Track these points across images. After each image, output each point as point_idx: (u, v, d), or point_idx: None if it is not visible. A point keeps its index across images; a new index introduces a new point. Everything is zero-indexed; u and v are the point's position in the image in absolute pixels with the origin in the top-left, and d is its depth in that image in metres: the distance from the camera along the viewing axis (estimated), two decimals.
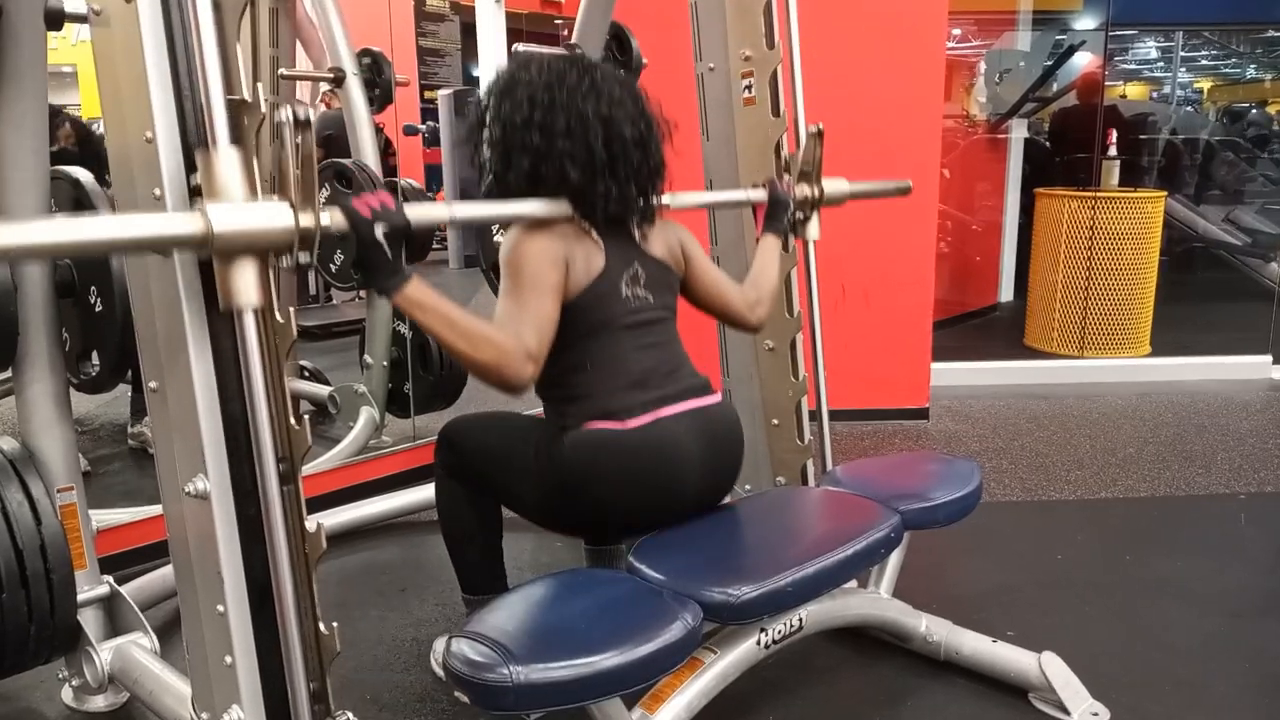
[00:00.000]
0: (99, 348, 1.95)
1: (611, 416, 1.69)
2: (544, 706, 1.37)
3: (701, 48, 2.37)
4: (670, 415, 1.74)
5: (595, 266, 1.72)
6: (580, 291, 1.70)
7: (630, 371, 1.74)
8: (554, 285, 1.66)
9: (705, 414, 1.79)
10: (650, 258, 1.82)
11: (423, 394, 3.40)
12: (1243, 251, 6.39)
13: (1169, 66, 8.30)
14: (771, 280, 2.05)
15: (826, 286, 2.39)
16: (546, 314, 1.64)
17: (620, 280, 1.75)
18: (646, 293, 1.79)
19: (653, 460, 1.71)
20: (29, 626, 1.75)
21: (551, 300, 1.65)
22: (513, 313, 1.63)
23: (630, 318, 1.76)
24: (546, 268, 1.66)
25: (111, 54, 1.39)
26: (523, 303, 1.63)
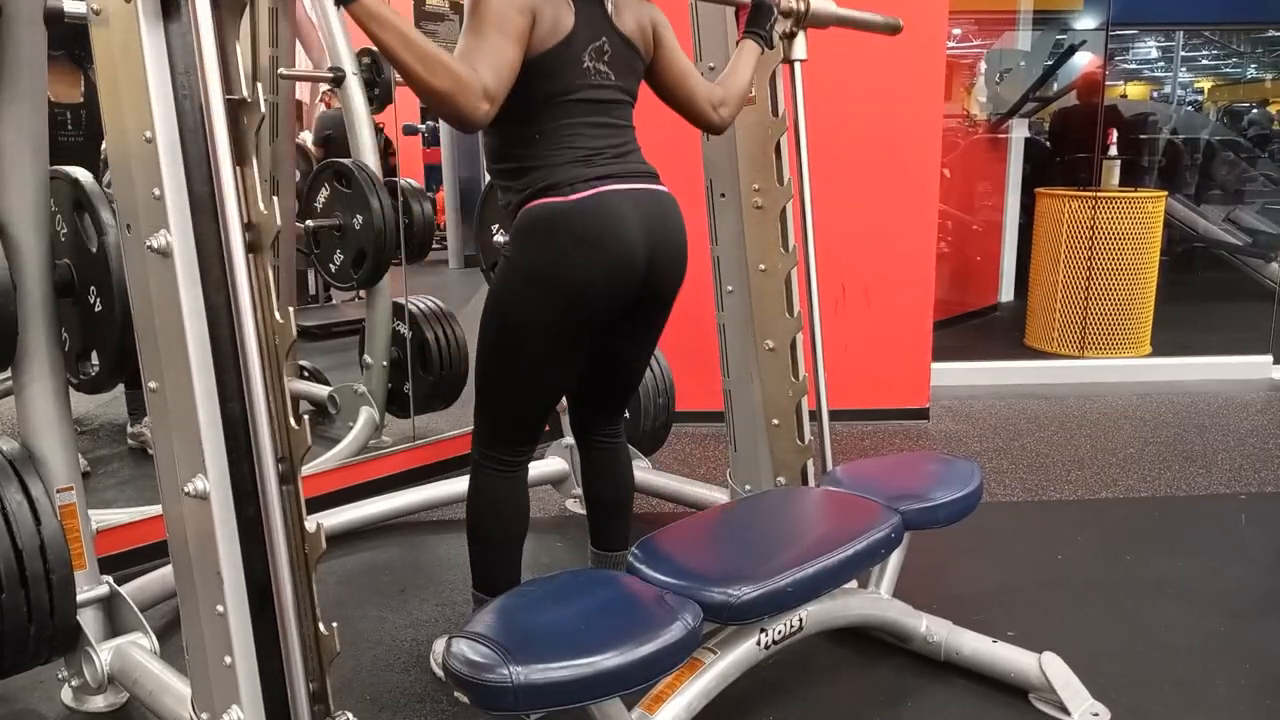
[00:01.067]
0: (99, 348, 1.95)
1: (554, 191, 1.70)
2: (544, 707, 1.37)
3: (701, 48, 2.37)
4: (611, 189, 1.73)
5: (562, 27, 1.69)
6: (542, 51, 1.67)
7: (579, 147, 1.73)
8: (518, 31, 1.62)
9: (648, 194, 1.79)
10: (619, 34, 1.79)
11: (422, 394, 3.40)
12: (1243, 251, 6.39)
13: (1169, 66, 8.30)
14: (742, 82, 2.02)
15: (826, 286, 2.39)
16: (507, 58, 1.60)
17: (585, 50, 1.73)
18: (609, 69, 1.77)
19: (593, 222, 1.70)
20: (28, 627, 1.75)
21: (513, 46, 1.61)
22: (473, 48, 1.59)
23: (588, 92, 1.74)
24: (512, 12, 1.62)
25: (111, 54, 1.38)
26: (484, 40, 1.59)
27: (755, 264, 2.35)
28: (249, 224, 1.36)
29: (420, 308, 3.43)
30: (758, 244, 2.34)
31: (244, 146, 1.35)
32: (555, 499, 3.05)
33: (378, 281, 3.34)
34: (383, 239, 3.21)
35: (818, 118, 2.19)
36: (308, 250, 3.51)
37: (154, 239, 1.36)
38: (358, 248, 3.29)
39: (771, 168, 2.29)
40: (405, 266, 3.39)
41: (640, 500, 2.72)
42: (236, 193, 1.32)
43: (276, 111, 3.29)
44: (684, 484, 2.88)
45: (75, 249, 1.88)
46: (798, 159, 2.27)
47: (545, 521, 2.90)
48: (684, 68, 1.92)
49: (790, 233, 2.31)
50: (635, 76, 1.85)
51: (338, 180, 3.32)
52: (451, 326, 3.43)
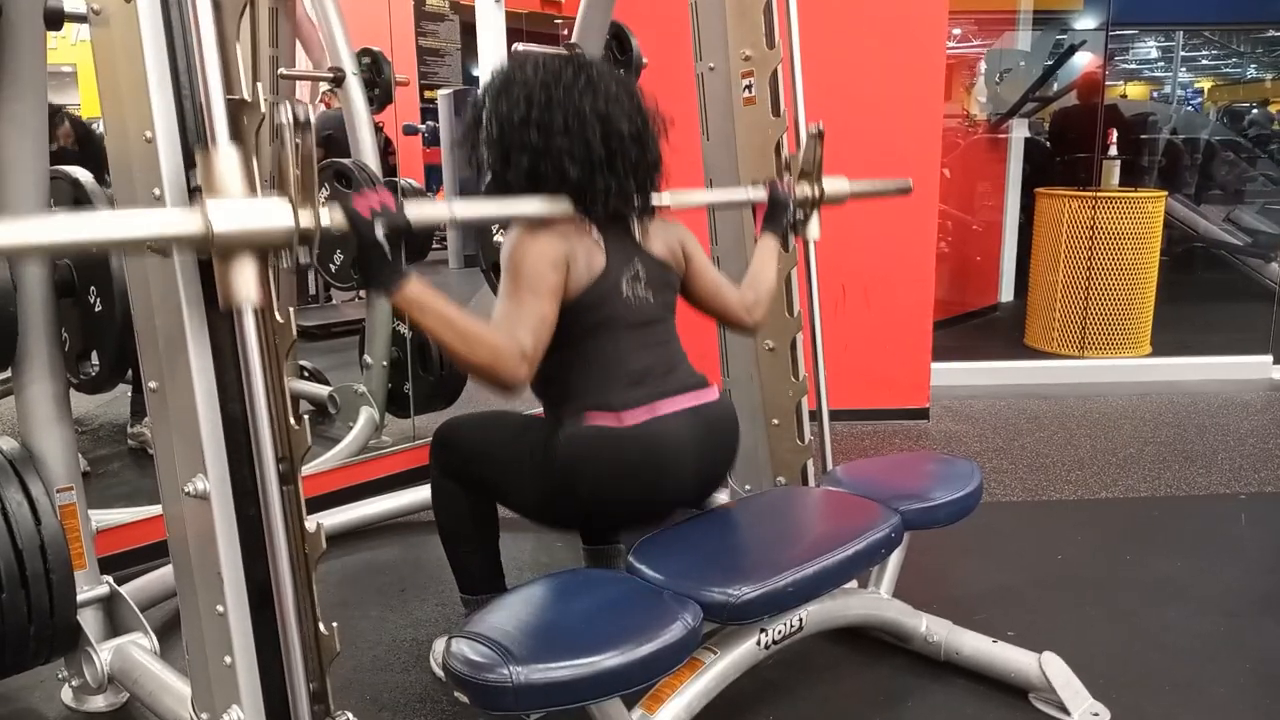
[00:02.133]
0: (99, 348, 1.95)
1: (608, 410, 1.70)
2: (544, 707, 1.37)
3: (701, 47, 2.37)
4: (666, 412, 1.74)
5: (596, 266, 1.72)
6: (581, 291, 1.70)
7: (629, 370, 1.74)
8: (553, 287, 1.66)
9: (702, 410, 1.80)
10: (651, 257, 1.82)
11: (422, 394, 3.40)
12: (1243, 251, 6.39)
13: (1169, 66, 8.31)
14: (769, 281, 2.05)
15: (826, 286, 2.39)
16: (543, 316, 1.64)
17: (621, 279, 1.75)
18: (647, 292, 1.79)
19: (647, 456, 1.71)
20: (28, 627, 1.75)
21: (549, 302, 1.66)
22: (510, 314, 1.63)
23: (631, 316, 1.76)
24: (546, 269, 1.66)
25: (111, 54, 1.39)
26: (520, 303, 1.63)
27: None
28: None
29: None
30: None
31: (244, 147, 1.35)
32: None
33: None
34: None
35: (817, 117, 2.19)
36: None
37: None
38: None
39: (771, 168, 2.29)
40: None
41: None
42: None
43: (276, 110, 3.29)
44: None
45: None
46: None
47: None
48: (714, 278, 1.96)
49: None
50: (673, 291, 1.88)
51: (338, 180, 3.31)
52: None
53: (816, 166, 2.18)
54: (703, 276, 1.94)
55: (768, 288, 2.04)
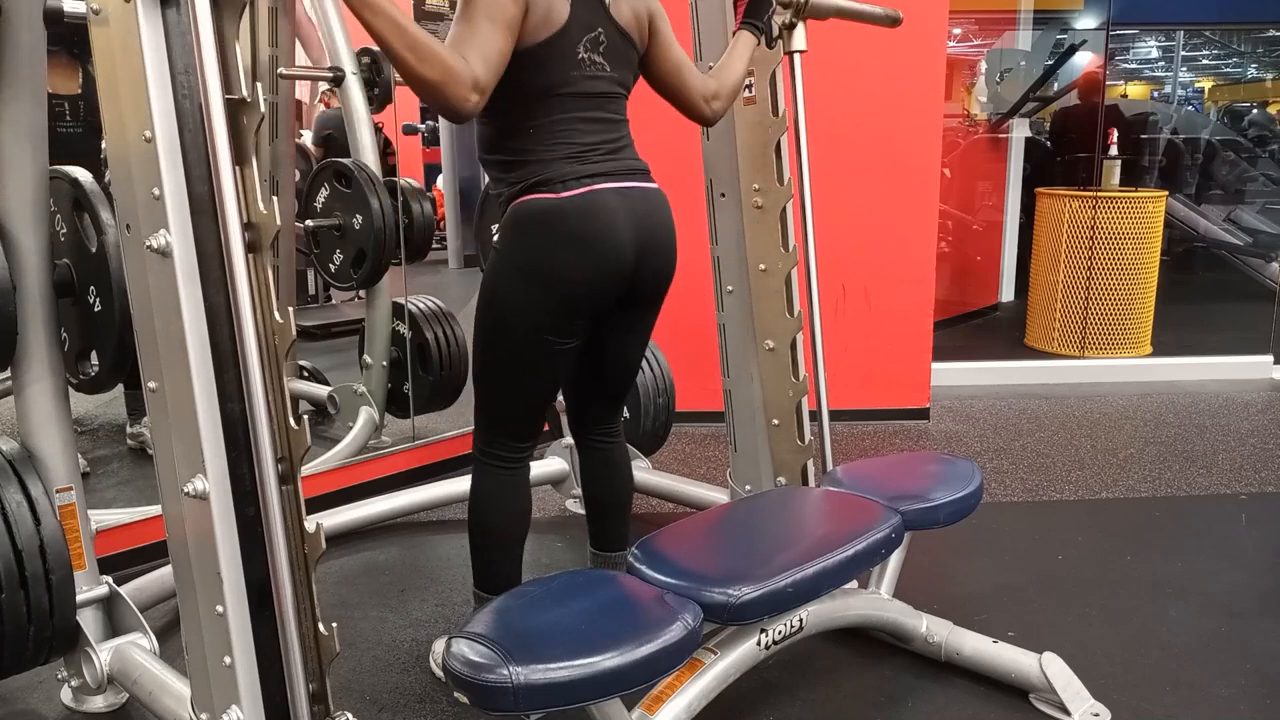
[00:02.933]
0: (98, 347, 1.95)
1: (545, 187, 1.69)
2: (544, 707, 1.37)
3: (701, 48, 2.37)
4: (603, 188, 1.73)
5: (557, 17, 1.67)
6: (537, 42, 1.66)
7: (572, 142, 1.72)
8: (510, 19, 1.60)
9: (640, 191, 1.79)
10: (615, 24, 1.77)
11: (422, 394, 3.40)
12: (1244, 251, 6.39)
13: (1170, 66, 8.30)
14: (736, 74, 2.00)
15: (826, 286, 2.39)
16: (498, 47, 1.59)
17: (579, 41, 1.71)
18: (604, 61, 1.75)
19: (583, 221, 1.71)
20: (28, 627, 1.75)
21: (505, 35, 1.60)
22: (464, 37, 1.57)
23: (582, 84, 1.73)
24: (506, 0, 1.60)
25: (110, 54, 1.38)
26: (475, 29, 1.57)
27: (755, 264, 2.34)
28: (249, 224, 1.36)
29: (420, 308, 3.43)
30: (758, 244, 2.34)
31: (244, 146, 1.34)
32: (555, 499, 3.04)
33: (377, 281, 3.33)
34: (382, 239, 3.21)
35: (818, 117, 2.18)
36: (308, 250, 3.51)
37: (154, 239, 1.36)
38: (357, 248, 3.29)
39: (771, 167, 2.29)
40: (405, 266, 3.39)
41: (640, 500, 2.72)
42: (236, 193, 1.32)
43: (276, 111, 3.29)
44: (683, 484, 2.88)
45: (75, 249, 1.88)
46: (798, 158, 2.27)
47: (545, 521, 2.89)
48: (678, 59, 1.91)
49: (790, 233, 2.31)
50: (630, 68, 1.84)
51: (338, 180, 3.31)
52: (451, 326, 3.43)
53: None
54: (666, 53, 1.88)
55: (733, 81, 2.00)
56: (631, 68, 1.84)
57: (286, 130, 3.42)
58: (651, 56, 1.87)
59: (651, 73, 1.90)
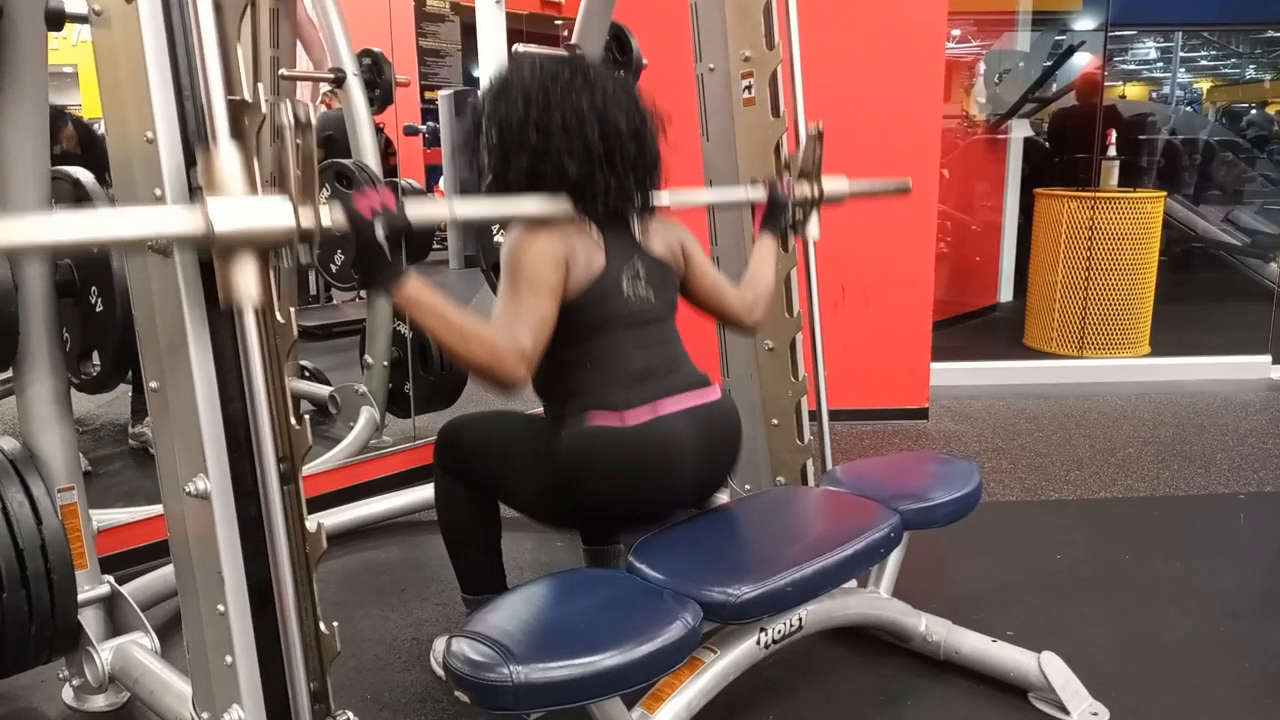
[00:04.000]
0: (99, 347, 1.95)
1: (611, 409, 1.70)
2: (544, 706, 1.37)
3: (701, 48, 2.37)
4: (669, 411, 1.74)
5: (596, 265, 1.73)
6: (581, 291, 1.71)
7: (631, 369, 1.74)
8: (552, 286, 1.66)
9: (704, 409, 1.80)
10: (651, 256, 1.82)
11: (423, 394, 3.40)
12: (1242, 251, 6.39)
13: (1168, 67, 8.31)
14: (768, 281, 2.05)
15: (826, 286, 2.39)
16: (543, 315, 1.64)
17: (621, 278, 1.76)
18: (648, 290, 1.80)
19: (650, 456, 1.71)
20: (29, 626, 1.75)
21: (549, 301, 1.66)
22: (509, 312, 1.63)
23: (632, 315, 1.76)
24: (546, 268, 1.66)
25: (112, 54, 1.39)
26: (520, 303, 1.64)
27: None
28: None
29: None
30: None
31: (245, 147, 1.35)
32: None
33: None
34: None
35: (817, 118, 2.19)
36: None
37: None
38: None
39: (771, 168, 2.29)
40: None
41: None
42: None
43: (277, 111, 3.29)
44: None
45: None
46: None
47: None
48: (714, 278, 1.96)
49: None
50: (673, 290, 1.88)
51: (338, 180, 3.32)
52: None
53: (816, 166, 2.18)
54: (702, 276, 1.94)
55: (766, 287, 2.04)
56: (674, 289, 1.88)
57: None
58: (690, 281, 1.92)
59: (691, 295, 1.94)
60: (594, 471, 1.70)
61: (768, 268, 2.06)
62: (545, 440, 1.74)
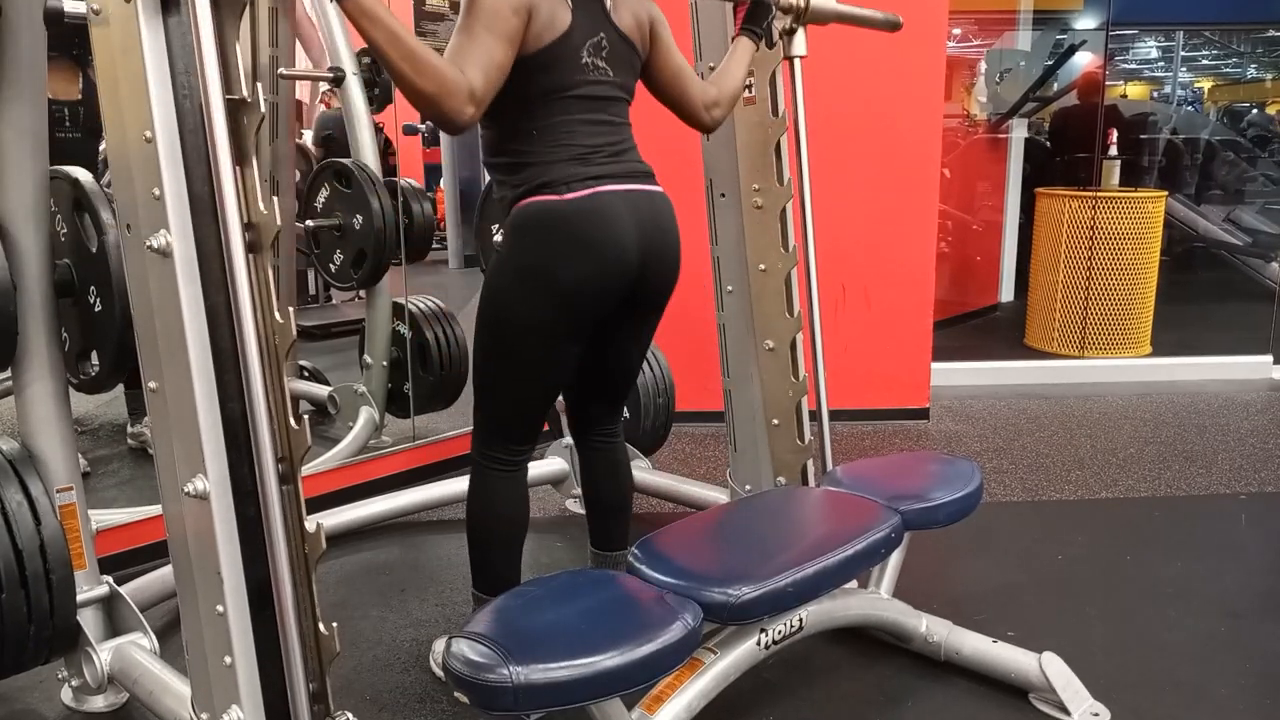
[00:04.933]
0: (99, 347, 1.95)
1: (549, 189, 1.69)
2: (544, 707, 1.37)
3: (701, 48, 2.37)
4: (607, 190, 1.73)
5: (559, 24, 1.68)
6: (539, 48, 1.66)
7: (575, 144, 1.72)
8: (511, 31, 1.61)
9: (643, 196, 1.78)
10: (617, 29, 1.78)
11: (422, 394, 3.40)
12: (1243, 251, 6.39)
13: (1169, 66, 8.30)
14: (735, 81, 2.01)
15: (827, 286, 2.39)
16: (497, 59, 1.59)
17: (582, 46, 1.72)
18: (607, 65, 1.76)
19: (587, 222, 1.70)
20: (28, 627, 1.75)
21: (505, 46, 1.60)
22: (462, 48, 1.58)
23: (585, 88, 1.74)
24: (506, 11, 1.60)
25: (111, 54, 1.38)
26: (475, 40, 1.58)
27: (755, 264, 2.35)
28: (249, 224, 1.36)
29: (420, 308, 3.43)
30: (758, 244, 2.34)
31: (244, 146, 1.34)
32: (555, 499, 3.05)
33: (378, 281, 3.33)
34: (383, 239, 3.21)
35: (818, 117, 2.18)
36: (308, 250, 3.51)
37: (154, 239, 1.36)
38: (358, 248, 3.29)
39: (771, 168, 2.29)
40: (405, 266, 3.39)
41: (640, 500, 2.72)
42: (236, 193, 1.32)
43: (276, 111, 3.29)
44: (684, 484, 2.88)
45: (75, 249, 1.88)
46: (798, 159, 2.27)
47: (545, 521, 2.90)
48: (679, 66, 1.92)
49: (790, 233, 2.31)
50: (633, 73, 1.84)
51: (338, 180, 3.31)
52: (451, 326, 3.43)
53: None
54: (667, 60, 1.89)
55: (732, 88, 2.00)
56: (634, 72, 1.84)
57: (287, 130, 3.42)
58: (652, 63, 1.88)
59: (652, 79, 1.90)
60: (538, 244, 1.70)
61: (739, 69, 2.02)
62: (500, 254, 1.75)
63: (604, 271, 1.74)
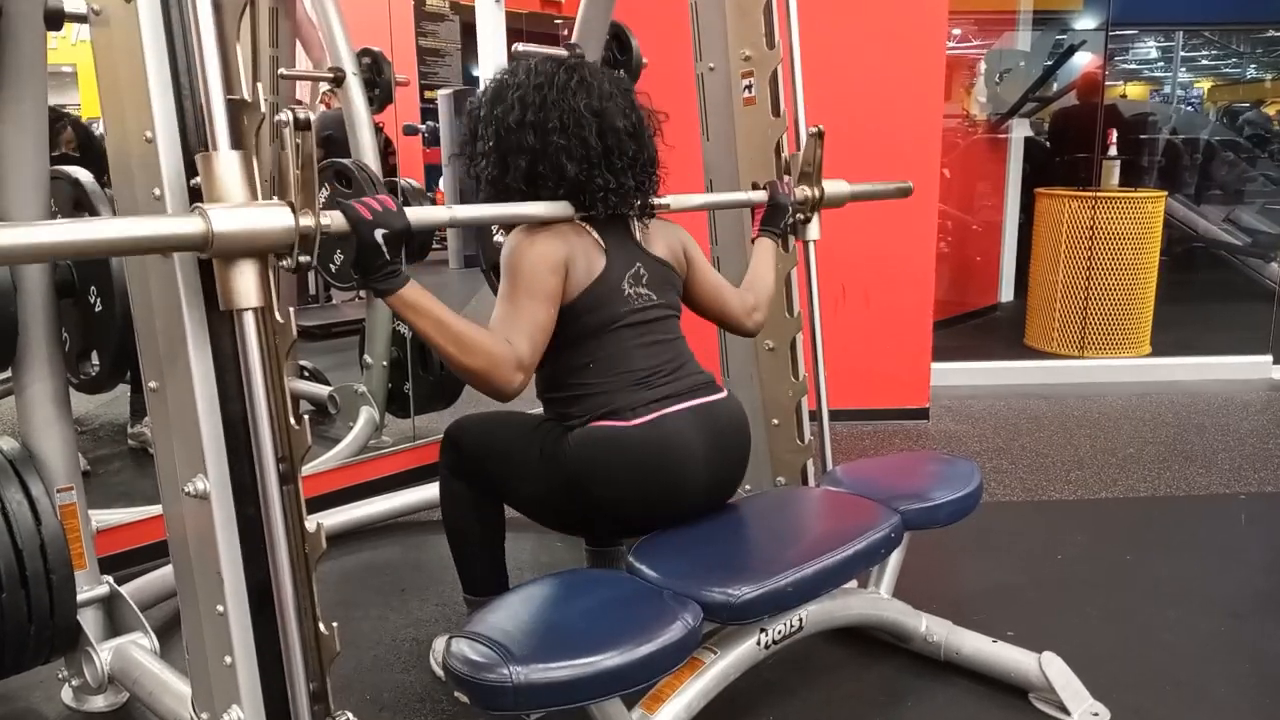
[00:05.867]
0: (99, 348, 1.95)
1: (615, 415, 1.69)
2: (544, 706, 1.37)
3: (701, 48, 2.37)
4: (674, 412, 1.73)
5: (596, 267, 1.72)
6: (581, 292, 1.70)
7: (634, 370, 1.74)
8: (551, 291, 1.66)
9: (710, 410, 1.79)
10: (652, 256, 1.82)
11: (423, 394, 3.39)
12: (1243, 251, 6.39)
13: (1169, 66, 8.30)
14: (768, 285, 2.05)
15: (826, 286, 2.39)
16: (541, 322, 1.64)
17: (622, 279, 1.75)
18: (649, 291, 1.79)
19: (656, 458, 1.70)
20: (29, 627, 1.75)
21: (547, 307, 1.65)
22: (507, 318, 1.63)
23: (633, 316, 1.76)
24: (545, 273, 1.66)
25: (111, 54, 1.39)
26: (518, 308, 1.63)
27: None
28: None
29: None
30: None
31: (244, 147, 1.34)
32: None
33: None
34: None
35: (817, 117, 2.19)
36: None
37: None
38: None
39: (771, 168, 2.29)
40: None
41: None
42: None
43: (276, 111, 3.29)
44: None
45: None
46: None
47: None
48: (715, 282, 1.97)
49: None
50: (675, 291, 1.88)
51: (338, 180, 3.31)
52: None
53: (816, 168, 2.18)
54: (704, 279, 1.93)
55: (768, 291, 2.04)
56: (676, 290, 1.88)
57: None
58: (691, 282, 1.93)
59: (693, 298, 1.94)
60: (600, 472, 1.69)
61: (768, 271, 2.06)
62: (552, 441, 1.73)
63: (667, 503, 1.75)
